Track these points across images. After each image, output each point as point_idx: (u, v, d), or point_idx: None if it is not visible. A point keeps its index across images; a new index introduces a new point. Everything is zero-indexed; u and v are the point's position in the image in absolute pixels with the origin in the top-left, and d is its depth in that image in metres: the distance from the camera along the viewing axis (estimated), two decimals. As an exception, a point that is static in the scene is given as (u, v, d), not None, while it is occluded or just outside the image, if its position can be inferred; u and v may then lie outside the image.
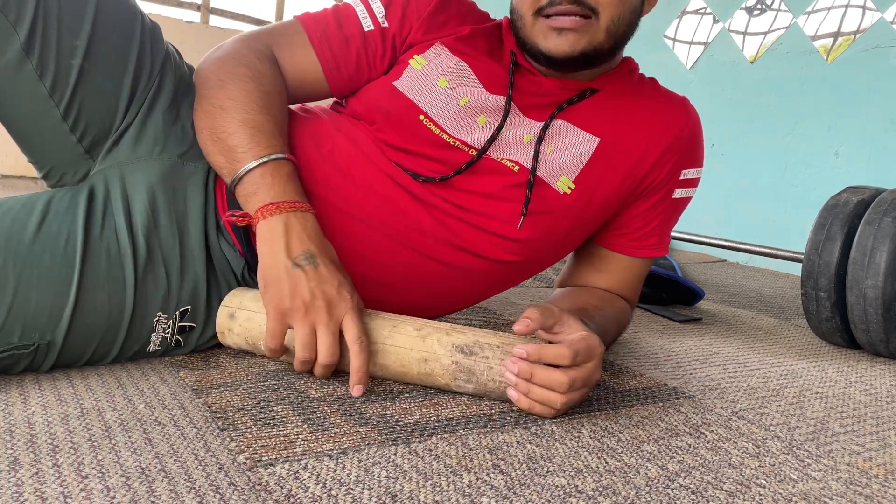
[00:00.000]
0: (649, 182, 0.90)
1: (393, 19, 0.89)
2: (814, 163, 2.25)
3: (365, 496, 0.52)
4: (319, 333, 0.71)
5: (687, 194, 0.95)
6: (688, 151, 0.92)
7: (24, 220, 0.70)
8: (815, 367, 1.05)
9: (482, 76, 0.87)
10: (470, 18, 0.93)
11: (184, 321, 0.78)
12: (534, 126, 0.86)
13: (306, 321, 0.71)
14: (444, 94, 0.85)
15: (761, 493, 0.59)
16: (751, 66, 2.46)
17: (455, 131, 0.84)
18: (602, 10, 0.79)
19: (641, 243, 0.94)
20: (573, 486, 0.57)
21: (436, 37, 0.89)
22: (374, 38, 0.88)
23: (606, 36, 0.81)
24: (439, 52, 0.87)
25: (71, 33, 0.74)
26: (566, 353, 0.67)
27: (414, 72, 0.86)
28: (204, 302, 0.79)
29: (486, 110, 0.86)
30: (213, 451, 0.57)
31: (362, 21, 0.88)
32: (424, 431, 0.65)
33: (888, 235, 1.06)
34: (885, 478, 0.65)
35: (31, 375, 0.71)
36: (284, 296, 0.72)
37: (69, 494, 0.48)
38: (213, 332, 0.81)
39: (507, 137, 0.85)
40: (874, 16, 2.10)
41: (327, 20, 0.88)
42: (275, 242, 0.73)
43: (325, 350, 0.71)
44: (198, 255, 0.79)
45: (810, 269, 1.15)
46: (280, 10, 4.27)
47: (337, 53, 0.88)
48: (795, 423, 0.77)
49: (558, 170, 0.85)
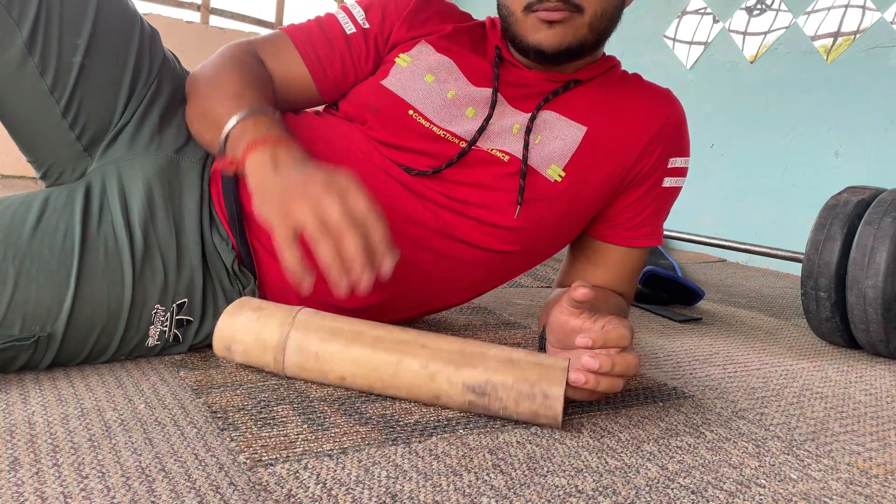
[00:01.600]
0: (638, 170, 0.92)
1: (373, 20, 0.92)
2: (814, 163, 2.25)
3: (365, 496, 0.52)
4: (327, 206, 0.64)
5: (676, 184, 0.96)
6: (675, 139, 0.93)
7: (22, 216, 0.71)
8: (815, 367, 1.05)
9: (467, 71, 0.89)
10: (451, 17, 0.96)
11: (181, 314, 0.79)
12: (521, 116, 0.88)
13: (308, 200, 0.64)
14: (432, 87, 0.87)
15: (761, 493, 0.59)
16: (751, 66, 2.46)
17: (444, 123, 0.86)
18: (587, 6, 0.83)
19: (634, 233, 0.95)
20: (573, 486, 0.57)
21: (419, 34, 0.92)
22: (356, 40, 0.92)
23: (590, 30, 0.84)
24: (424, 50, 0.90)
25: (72, 31, 0.75)
26: (627, 333, 0.67)
27: (400, 69, 0.89)
28: (200, 295, 0.80)
29: (474, 102, 0.88)
30: (213, 451, 0.57)
31: (344, 26, 0.92)
32: (424, 431, 0.65)
33: (888, 235, 1.06)
34: (885, 478, 0.65)
35: (32, 375, 0.71)
36: (280, 197, 0.66)
37: (69, 494, 0.48)
38: (209, 330, 0.81)
39: (496, 128, 0.87)
40: (874, 16, 2.10)
41: (310, 28, 0.92)
42: (263, 169, 0.70)
43: (340, 217, 0.63)
44: (193, 249, 0.79)
45: (810, 269, 1.15)
46: (280, 11, 4.27)
47: (322, 57, 0.90)
48: (795, 423, 0.77)
49: (548, 158, 0.87)
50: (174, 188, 0.80)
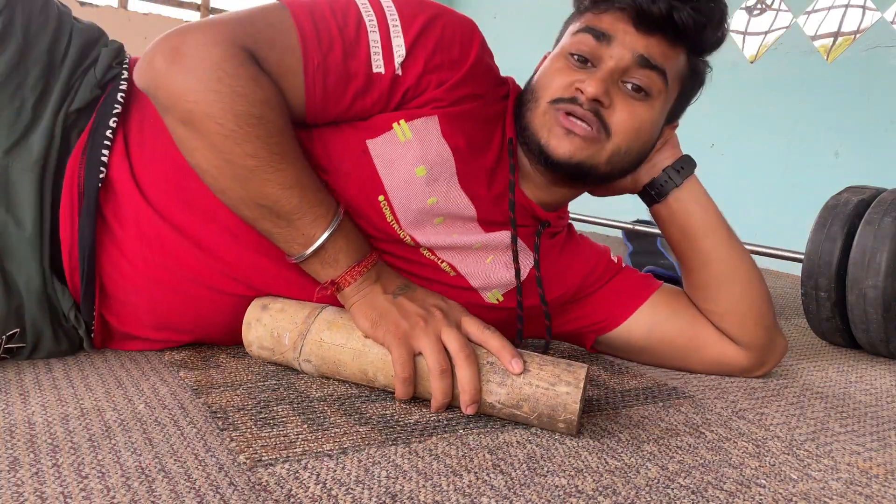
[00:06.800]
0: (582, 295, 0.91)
1: (411, 72, 0.73)
2: (814, 163, 2.25)
3: (365, 496, 0.52)
4: (446, 337, 0.69)
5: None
6: (605, 268, 0.92)
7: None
8: (816, 366, 1.05)
9: (463, 173, 0.77)
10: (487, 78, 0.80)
11: (11, 343, 0.71)
12: (482, 236, 0.81)
13: (429, 331, 0.69)
14: (417, 185, 0.75)
15: (761, 493, 0.59)
16: (751, 66, 2.46)
17: (409, 227, 0.77)
18: (615, 134, 0.75)
19: (641, 291, 0.92)
20: (573, 486, 0.57)
21: (442, 98, 0.75)
22: (380, 84, 0.72)
23: (606, 161, 0.77)
24: (429, 129, 0.74)
25: None
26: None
27: (395, 141, 0.74)
28: (32, 325, 0.71)
29: (448, 215, 0.78)
30: (213, 451, 0.57)
31: (373, 59, 0.71)
32: (424, 431, 0.65)
33: (888, 235, 1.06)
34: (886, 478, 0.65)
35: (32, 375, 0.71)
36: (399, 319, 0.70)
37: (69, 494, 0.48)
38: (45, 353, 0.75)
39: (458, 242, 0.80)
40: (874, 16, 2.10)
41: (332, 40, 0.70)
42: (369, 293, 0.72)
43: (459, 349, 0.68)
44: (25, 284, 0.69)
45: (810, 269, 1.15)
46: (280, 10, 4.26)
47: (330, 89, 0.71)
48: (795, 423, 0.77)
49: (492, 284, 0.83)
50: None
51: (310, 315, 0.75)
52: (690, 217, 0.87)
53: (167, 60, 0.64)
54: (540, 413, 0.66)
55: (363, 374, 0.73)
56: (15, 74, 0.68)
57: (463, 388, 0.67)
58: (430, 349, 0.68)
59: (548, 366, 0.68)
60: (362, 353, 0.72)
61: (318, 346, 0.74)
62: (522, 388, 0.67)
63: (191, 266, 0.74)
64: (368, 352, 0.72)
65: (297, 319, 0.75)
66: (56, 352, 0.76)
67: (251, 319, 0.77)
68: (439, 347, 0.68)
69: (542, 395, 0.66)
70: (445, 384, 0.68)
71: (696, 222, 0.87)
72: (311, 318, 0.75)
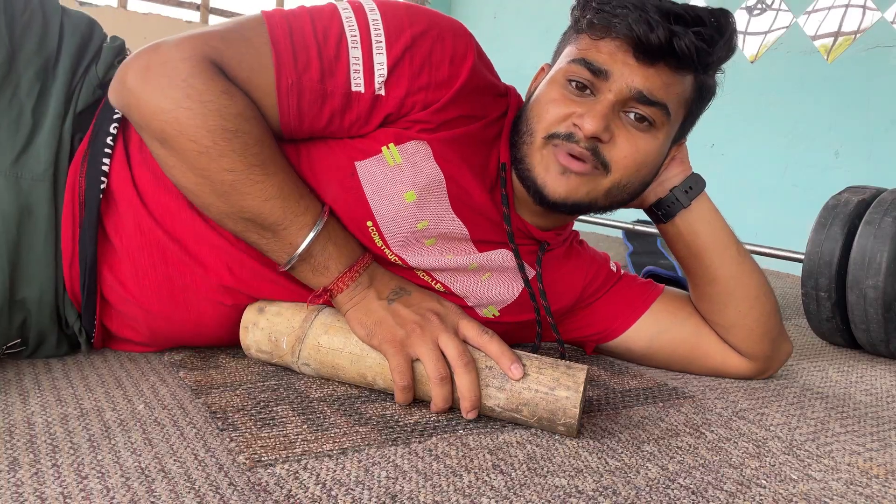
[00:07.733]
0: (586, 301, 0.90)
1: (393, 94, 0.70)
2: (814, 163, 2.25)
3: (365, 496, 0.52)
4: (444, 343, 0.68)
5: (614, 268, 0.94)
6: (604, 280, 0.92)
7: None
8: (816, 367, 1.05)
9: (455, 195, 0.75)
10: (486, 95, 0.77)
11: (11, 349, 0.72)
12: (477, 256, 0.79)
13: (426, 338, 0.69)
14: (406, 211, 0.72)
15: (762, 494, 0.59)
16: (751, 66, 2.46)
17: (398, 249, 0.75)
18: (615, 170, 0.72)
19: (641, 300, 0.91)
20: (573, 486, 0.57)
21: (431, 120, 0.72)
22: (359, 104, 0.69)
23: (605, 195, 0.74)
24: (419, 153, 0.72)
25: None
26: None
27: (384, 165, 0.71)
28: (35, 335, 0.72)
29: (440, 236, 0.76)
30: (213, 451, 0.57)
31: (353, 77, 0.68)
32: (424, 431, 0.65)
33: (888, 235, 1.06)
34: (886, 478, 0.65)
35: (31, 375, 0.71)
36: (394, 327, 0.69)
37: (69, 494, 0.48)
38: (44, 354, 0.75)
39: (451, 263, 0.78)
40: (874, 16, 2.10)
41: (309, 59, 0.67)
42: (363, 300, 0.72)
43: (458, 355, 0.68)
44: (36, 301, 0.69)
45: (810, 269, 1.15)
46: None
47: (305, 109, 0.68)
48: (796, 423, 0.77)
49: (487, 301, 0.82)
50: (9, 224, 0.65)
51: (307, 318, 0.75)
52: (698, 238, 0.85)
53: (138, 78, 0.63)
54: (539, 417, 0.66)
55: (362, 378, 0.73)
56: (7, 81, 0.67)
57: (463, 395, 0.67)
58: (427, 356, 0.68)
59: (547, 369, 0.67)
60: (360, 357, 0.72)
61: (316, 350, 0.74)
62: (522, 392, 0.67)
63: (191, 276, 0.74)
64: (366, 356, 0.72)
65: (293, 323, 0.75)
66: (56, 354, 0.76)
67: (248, 323, 0.77)
68: (437, 354, 0.68)
69: (542, 399, 0.66)
70: (445, 391, 0.68)
71: (704, 242, 0.85)
72: (307, 322, 0.75)
